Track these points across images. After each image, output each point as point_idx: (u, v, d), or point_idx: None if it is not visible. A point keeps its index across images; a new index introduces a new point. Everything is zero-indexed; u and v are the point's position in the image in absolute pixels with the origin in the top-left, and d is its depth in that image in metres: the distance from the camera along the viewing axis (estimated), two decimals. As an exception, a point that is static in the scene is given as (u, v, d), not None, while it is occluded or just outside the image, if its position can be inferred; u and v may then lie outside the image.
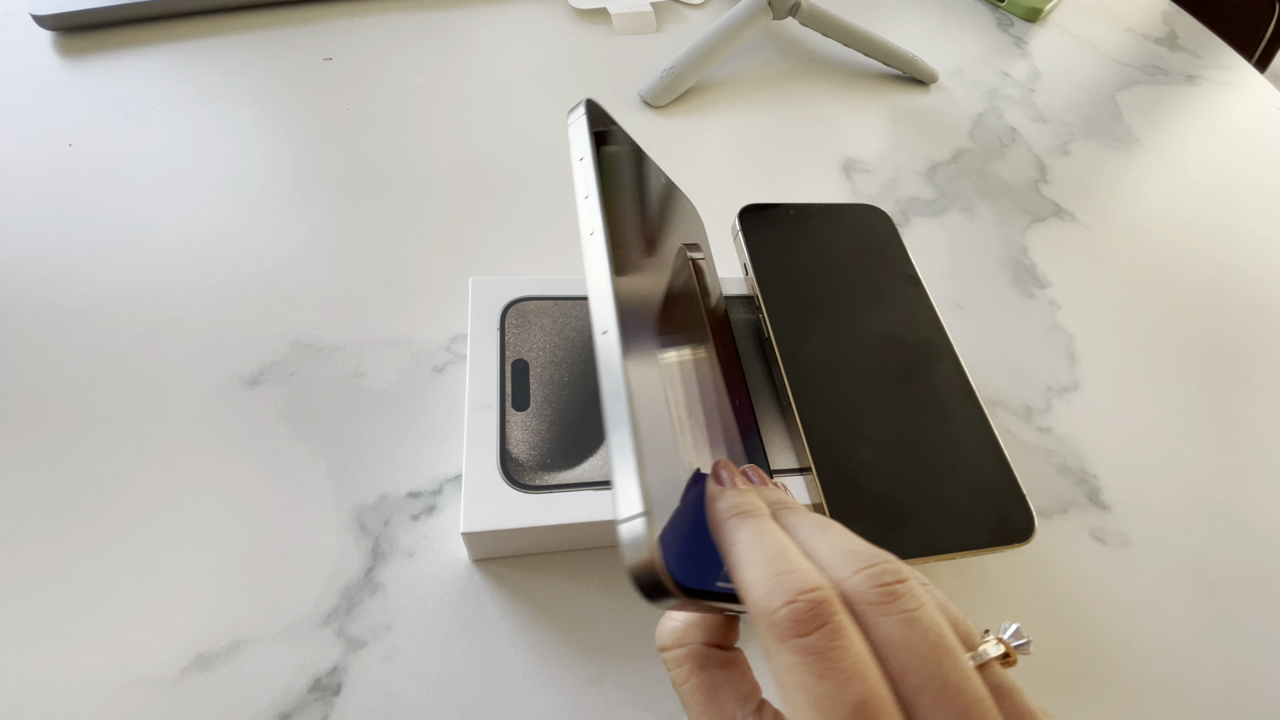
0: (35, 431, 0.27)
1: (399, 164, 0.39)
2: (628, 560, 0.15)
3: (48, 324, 0.30)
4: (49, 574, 0.24)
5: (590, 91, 0.46)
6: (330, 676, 0.24)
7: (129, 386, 0.29)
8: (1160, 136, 0.53)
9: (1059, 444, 0.34)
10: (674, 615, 0.18)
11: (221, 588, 0.25)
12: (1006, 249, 0.42)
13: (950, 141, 0.48)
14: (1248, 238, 0.47)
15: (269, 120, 0.40)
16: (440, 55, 0.46)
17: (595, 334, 0.18)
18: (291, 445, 0.28)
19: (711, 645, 0.18)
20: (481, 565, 0.26)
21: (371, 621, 0.25)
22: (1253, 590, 0.31)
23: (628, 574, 0.15)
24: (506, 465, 0.25)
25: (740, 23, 0.47)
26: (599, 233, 0.20)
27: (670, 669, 0.18)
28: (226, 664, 0.23)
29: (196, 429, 0.28)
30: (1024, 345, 0.38)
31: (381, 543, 0.26)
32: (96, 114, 0.38)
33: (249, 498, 0.27)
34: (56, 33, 0.42)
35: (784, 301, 0.31)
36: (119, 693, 0.23)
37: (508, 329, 0.29)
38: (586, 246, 0.19)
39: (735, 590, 0.16)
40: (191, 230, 0.34)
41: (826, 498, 0.26)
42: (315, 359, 0.31)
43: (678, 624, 0.18)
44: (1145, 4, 0.68)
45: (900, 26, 0.57)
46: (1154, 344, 0.39)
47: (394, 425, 0.29)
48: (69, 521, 0.26)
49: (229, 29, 0.44)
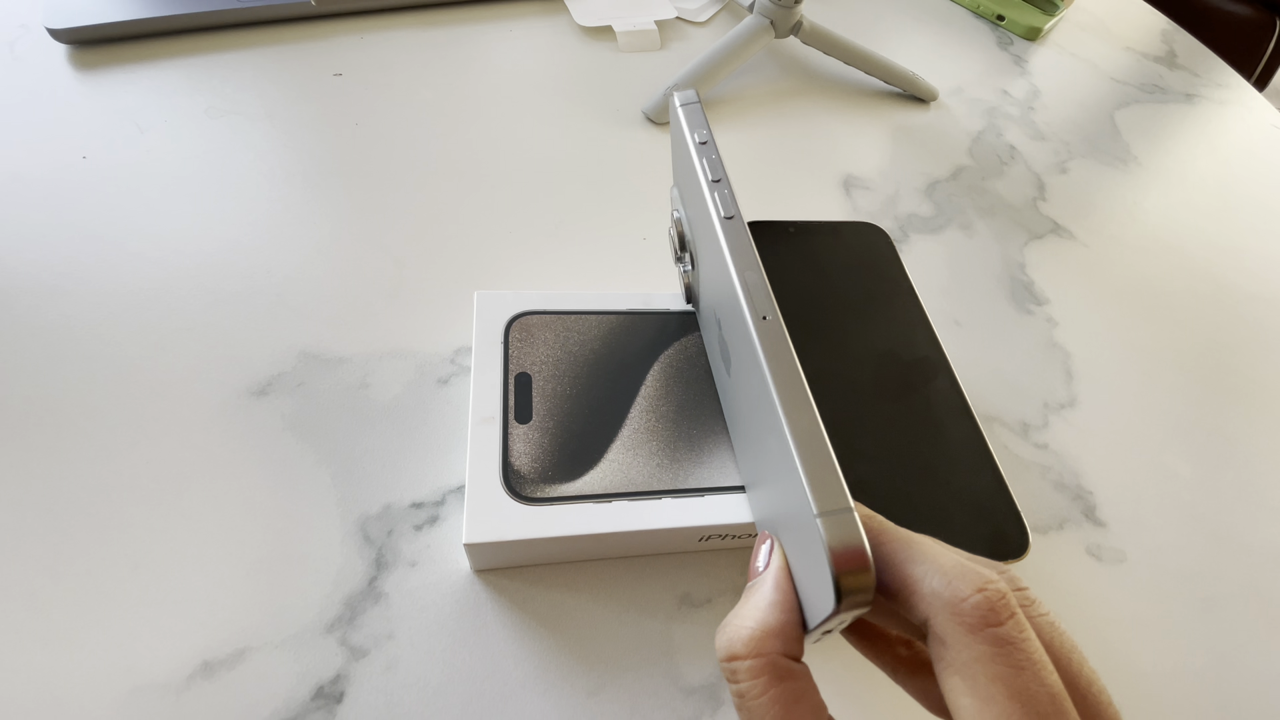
0: (46, 439, 0.28)
1: (406, 178, 0.40)
2: (836, 556, 0.15)
3: (60, 333, 0.31)
4: (57, 580, 0.25)
5: (595, 107, 0.46)
6: (333, 685, 0.24)
7: (138, 395, 0.29)
8: (1158, 155, 0.54)
9: (1055, 460, 0.34)
10: (746, 622, 0.17)
11: (226, 595, 0.25)
12: (1005, 266, 0.43)
13: (950, 159, 0.49)
14: (1245, 256, 0.47)
15: (279, 134, 0.41)
16: (447, 71, 0.47)
17: (749, 319, 0.18)
18: (297, 455, 0.29)
19: (789, 656, 0.17)
20: (483, 576, 0.27)
21: (374, 630, 0.25)
22: (1246, 606, 0.31)
23: (832, 573, 0.15)
24: (509, 477, 0.25)
25: (743, 41, 0.48)
26: (739, 216, 0.20)
27: (741, 680, 0.16)
28: (231, 671, 0.24)
29: (204, 438, 0.29)
30: (1021, 362, 0.38)
31: (385, 552, 0.27)
32: (110, 127, 0.39)
33: (255, 506, 0.27)
34: (71, 46, 0.43)
35: (782, 318, 0.31)
36: (124, 698, 0.23)
37: (511, 343, 0.29)
38: (726, 229, 0.19)
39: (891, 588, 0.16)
40: (202, 242, 0.35)
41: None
42: (322, 370, 0.31)
43: (752, 631, 0.17)
44: (1144, 23, 0.69)
45: (900, 45, 0.58)
46: (1150, 361, 0.39)
47: (398, 436, 0.30)
48: (77, 528, 0.26)
49: (240, 44, 0.45)
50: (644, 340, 0.30)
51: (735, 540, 0.27)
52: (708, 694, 0.25)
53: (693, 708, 0.25)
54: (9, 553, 0.25)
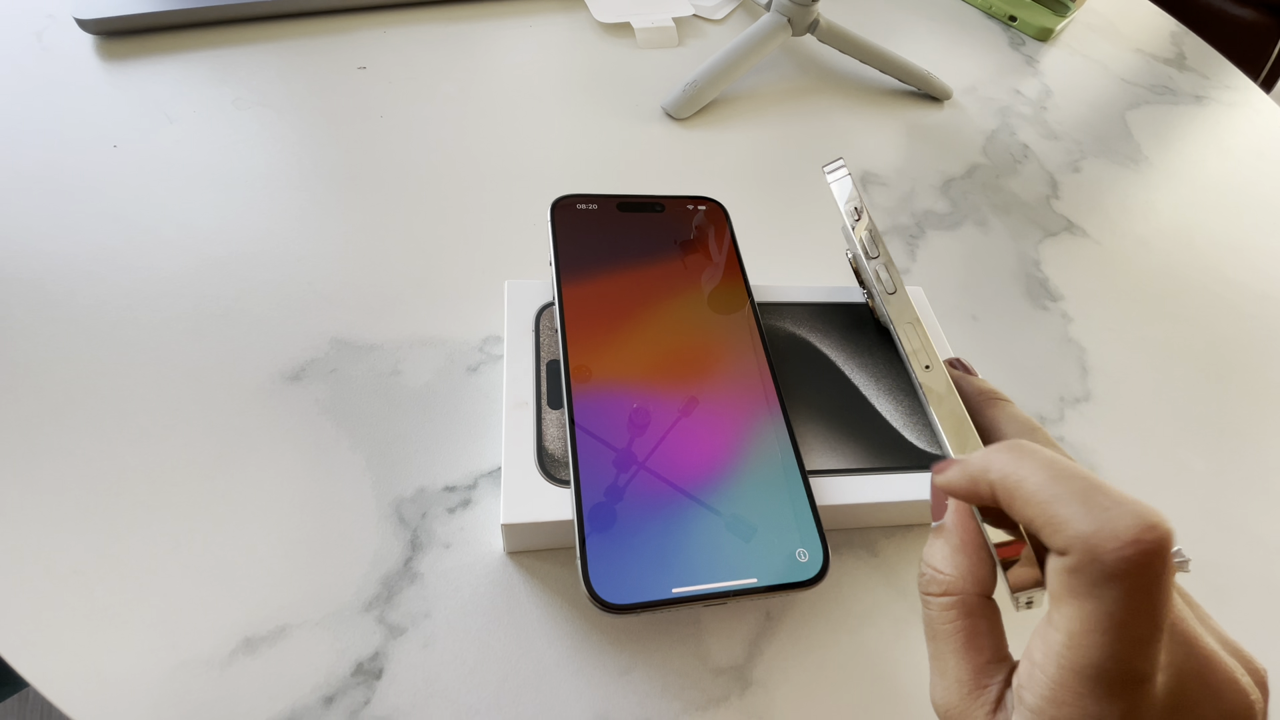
0: (86, 421, 0.28)
1: (431, 170, 0.40)
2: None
3: (97, 320, 0.31)
4: (102, 559, 0.25)
5: (614, 103, 0.47)
6: (372, 661, 0.25)
7: (175, 380, 0.30)
8: (1168, 155, 0.54)
9: (1071, 454, 0.35)
10: (945, 564, 0.19)
11: (266, 574, 0.26)
12: (1020, 262, 0.43)
13: (964, 157, 0.50)
14: (1253, 254, 0.48)
15: (306, 126, 0.41)
16: (469, 66, 0.47)
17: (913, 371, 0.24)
18: (332, 439, 0.29)
19: (979, 594, 0.19)
20: (515, 557, 0.27)
21: (411, 609, 0.26)
22: (1258, 599, 0.31)
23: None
24: (543, 460, 0.26)
25: (760, 39, 0.49)
26: (902, 290, 0.27)
27: (934, 610, 0.19)
28: (272, 648, 0.24)
29: (241, 420, 0.29)
30: (1037, 357, 0.39)
31: (419, 534, 0.27)
32: (139, 117, 0.40)
33: (292, 489, 0.28)
34: (99, 37, 0.44)
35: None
36: (169, 674, 0.24)
37: (542, 330, 0.30)
38: (891, 300, 0.26)
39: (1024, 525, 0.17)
40: (234, 231, 0.35)
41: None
42: (354, 357, 0.32)
43: (951, 576, 0.19)
44: (1154, 25, 0.69)
45: (915, 44, 0.59)
46: (1163, 357, 0.40)
47: (430, 422, 0.30)
48: (119, 508, 0.26)
49: (266, 37, 0.46)
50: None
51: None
52: (736, 674, 0.26)
53: (722, 687, 0.26)
54: (54, 533, 0.26)
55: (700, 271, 0.31)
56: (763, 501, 0.25)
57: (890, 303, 0.26)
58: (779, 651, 0.27)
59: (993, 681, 0.17)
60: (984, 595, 0.19)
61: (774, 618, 0.27)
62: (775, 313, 0.33)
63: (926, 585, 0.20)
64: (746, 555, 0.24)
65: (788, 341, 0.32)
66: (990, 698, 0.17)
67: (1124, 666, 0.15)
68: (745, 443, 0.26)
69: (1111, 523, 0.15)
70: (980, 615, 0.19)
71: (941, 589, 0.19)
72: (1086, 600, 0.15)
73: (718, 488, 0.25)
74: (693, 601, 0.22)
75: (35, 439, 0.28)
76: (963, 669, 0.18)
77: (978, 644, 0.18)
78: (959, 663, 0.18)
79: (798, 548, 0.24)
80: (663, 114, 0.47)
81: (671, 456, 0.25)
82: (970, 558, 0.19)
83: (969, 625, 0.18)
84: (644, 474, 0.25)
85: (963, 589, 0.19)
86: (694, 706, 0.25)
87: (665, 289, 0.30)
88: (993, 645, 0.18)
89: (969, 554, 0.19)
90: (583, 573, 0.22)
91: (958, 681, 0.18)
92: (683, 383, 0.27)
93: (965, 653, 0.18)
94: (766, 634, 0.27)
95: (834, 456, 0.28)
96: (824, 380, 0.31)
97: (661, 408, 0.26)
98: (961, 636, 0.18)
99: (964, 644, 0.18)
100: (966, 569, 0.19)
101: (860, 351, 0.32)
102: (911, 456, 0.29)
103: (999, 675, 0.18)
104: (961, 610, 0.19)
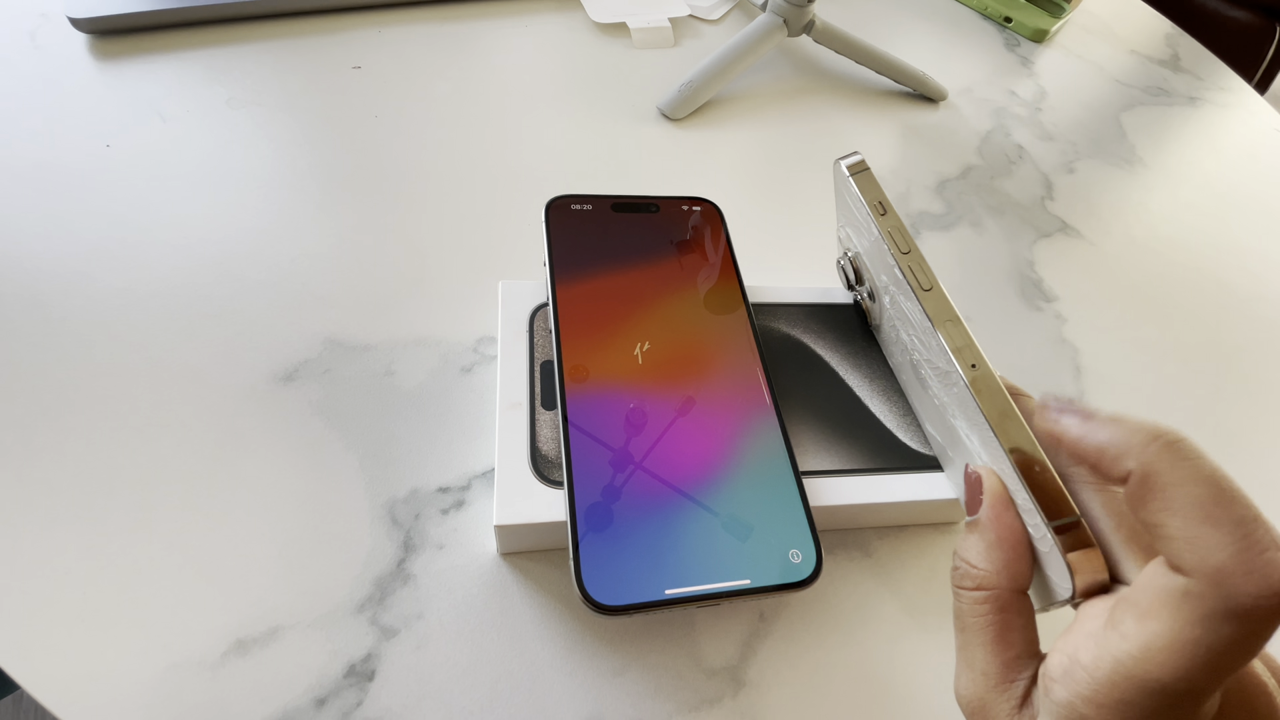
0: (79, 422, 0.28)
1: (426, 170, 0.40)
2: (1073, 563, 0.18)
3: (88, 320, 0.31)
4: (94, 560, 0.25)
5: (610, 103, 0.47)
6: (364, 663, 0.24)
7: (168, 380, 0.30)
8: (1163, 156, 0.54)
9: (1065, 453, 0.35)
10: (980, 560, 0.20)
11: (259, 575, 0.26)
12: (1014, 263, 0.43)
13: (959, 158, 0.50)
14: (1246, 256, 0.48)
15: (300, 126, 0.41)
16: (465, 65, 0.47)
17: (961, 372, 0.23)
18: (325, 439, 0.29)
19: (1013, 590, 0.19)
20: (508, 559, 0.27)
21: (404, 611, 0.26)
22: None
23: (1070, 577, 0.18)
24: (537, 461, 0.26)
25: (756, 39, 0.49)
26: (938, 286, 0.25)
27: (965, 604, 0.19)
28: (264, 649, 0.24)
29: (234, 422, 0.29)
30: (1031, 357, 0.39)
31: (412, 535, 0.27)
32: (133, 116, 0.39)
33: (284, 489, 0.28)
34: (92, 35, 0.44)
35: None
36: (160, 675, 0.23)
37: (536, 331, 0.30)
38: (927, 298, 0.24)
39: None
40: (227, 231, 0.35)
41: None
42: (347, 357, 0.32)
43: (986, 571, 0.19)
44: (1149, 27, 0.69)
45: (910, 45, 0.59)
46: (1157, 357, 0.40)
47: (423, 423, 0.30)
48: (111, 509, 0.26)
49: (260, 36, 0.46)
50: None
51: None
52: (729, 675, 0.26)
53: (715, 688, 0.26)
54: (46, 533, 0.26)
55: (695, 272, 0.31)
56: (756, 502, 0.25)
57: (927, 300, 0.24)
58: (772, 652, 0.27)
59: (1020, 676, 0.18)
60: (1018, 591, 0.19)
61: (767, 619, 0.27)
62: (770, 313, 0.33)
63: (960, 579, 0.20)
64: (740, 556, 0.24)
65: (782, 342, 0.32)
66: (1017, 692, 0.17)
67: (1194, 689, 0.14)
68: (739, 444, 0.26)
69: (1264, 568, 0.14)
70: (1014, 611, 0.19)
71: (975, 583, 0.19)
72: (1191, 627, 0.14)
73: (711, 489, 0.25)
74: (686, 603, 0.22)
75: (25, 440, 0.28)
76: (991, 662, 0.18)
77: (1009, 639, 0.18)
78: (987, 656, 0.18)
79: (791, 549, 0.24)
80: (658, 114, 0.47)
81: (664, 458, 0.25)
82: (1006, 553, 0.19)
83: (1001, 620, 0.18)
84: (637, 475, 0.25)
85: (997, 584, 0.19)
86: (687, 707, 0.25)
87: (660, 290, 0.30)
88: (1024, 640, 0.18)
89: (1005, 550, 0.19)
90: (575, 574, 0.22)
91: (984, 674, 0.18)
92: (676, 384, 0.27)
93: (995, 646, 0.18)
94: (760, 635, 0.27)
95: (827, 457, 0.28)
96: (818, 381, 0.31)
97: (655, 409, 0.26)
98: (993, 630, 0.18)
99: (995, 638, 0.18)
100: (1001, 564, 0.19)
101: (854, 352, 0.32)
102: (905, 458, 0.29)
103: (1027, 671, 0.18)
104: (995, 605, 0.19)
